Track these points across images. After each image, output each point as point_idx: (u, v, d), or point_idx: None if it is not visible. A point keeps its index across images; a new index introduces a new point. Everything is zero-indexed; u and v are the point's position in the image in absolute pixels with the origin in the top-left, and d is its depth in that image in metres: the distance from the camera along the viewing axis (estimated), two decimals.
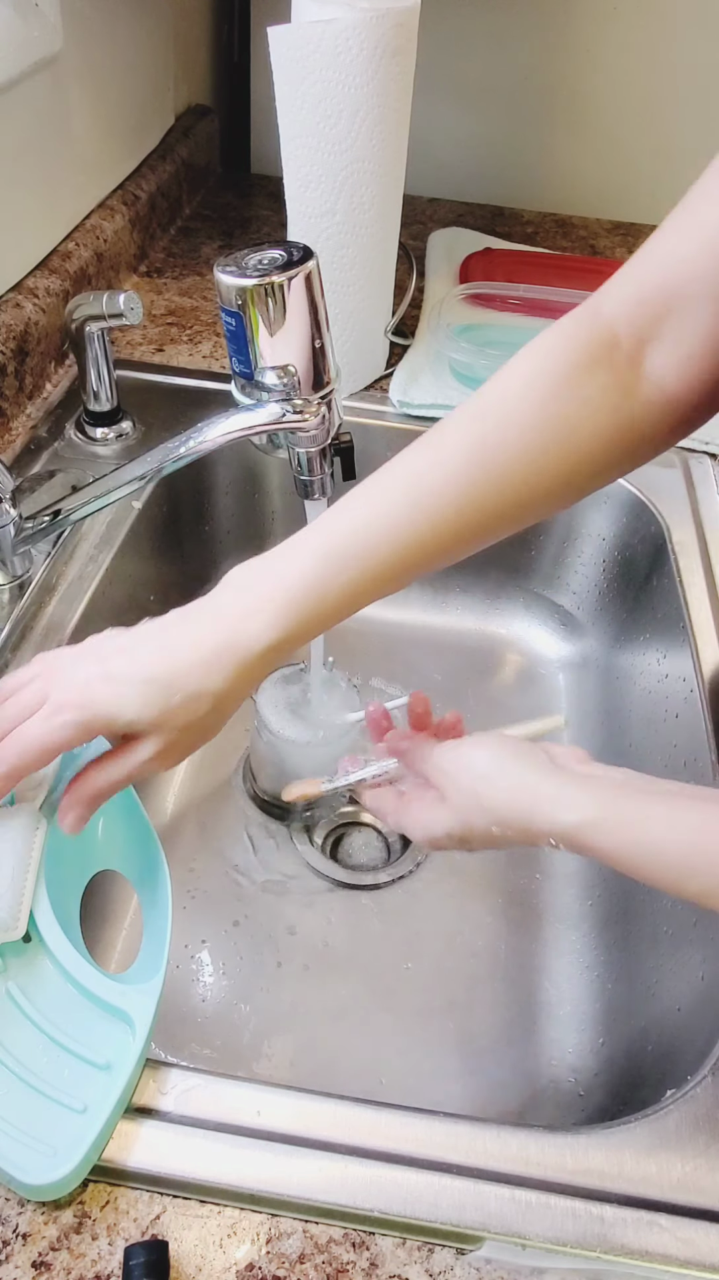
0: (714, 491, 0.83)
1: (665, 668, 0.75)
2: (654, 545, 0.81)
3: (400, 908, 0.74)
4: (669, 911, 0.63)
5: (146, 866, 0.52)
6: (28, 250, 0.82)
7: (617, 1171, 0.43)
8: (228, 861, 0.75)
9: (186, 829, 0.77)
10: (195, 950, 0.70)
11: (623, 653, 0.85)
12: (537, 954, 0.72)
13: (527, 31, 1.12)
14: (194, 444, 0.59)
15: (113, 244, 0.93)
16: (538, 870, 0.77)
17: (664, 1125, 0.44)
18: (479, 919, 0.74)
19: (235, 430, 0.58)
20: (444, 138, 1.18)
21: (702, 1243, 0.41)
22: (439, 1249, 0.41)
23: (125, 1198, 0.41)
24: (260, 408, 0.58)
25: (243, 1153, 0.42)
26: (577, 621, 0.92)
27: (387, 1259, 0.41)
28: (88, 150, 0.90)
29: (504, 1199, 0.42)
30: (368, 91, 0.71)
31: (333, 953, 0.71)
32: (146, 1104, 0.44)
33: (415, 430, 0.86)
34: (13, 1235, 0.40)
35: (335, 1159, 0.43)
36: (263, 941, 0.71)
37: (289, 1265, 0.40)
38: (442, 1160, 0.43)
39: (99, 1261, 0.39)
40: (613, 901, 0.72)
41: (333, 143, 0.73)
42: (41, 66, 0.76)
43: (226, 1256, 0.40)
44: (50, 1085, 0.42)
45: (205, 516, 0.91)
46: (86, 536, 0.72)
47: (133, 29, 0.94)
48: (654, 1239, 0.41)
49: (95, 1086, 0.42)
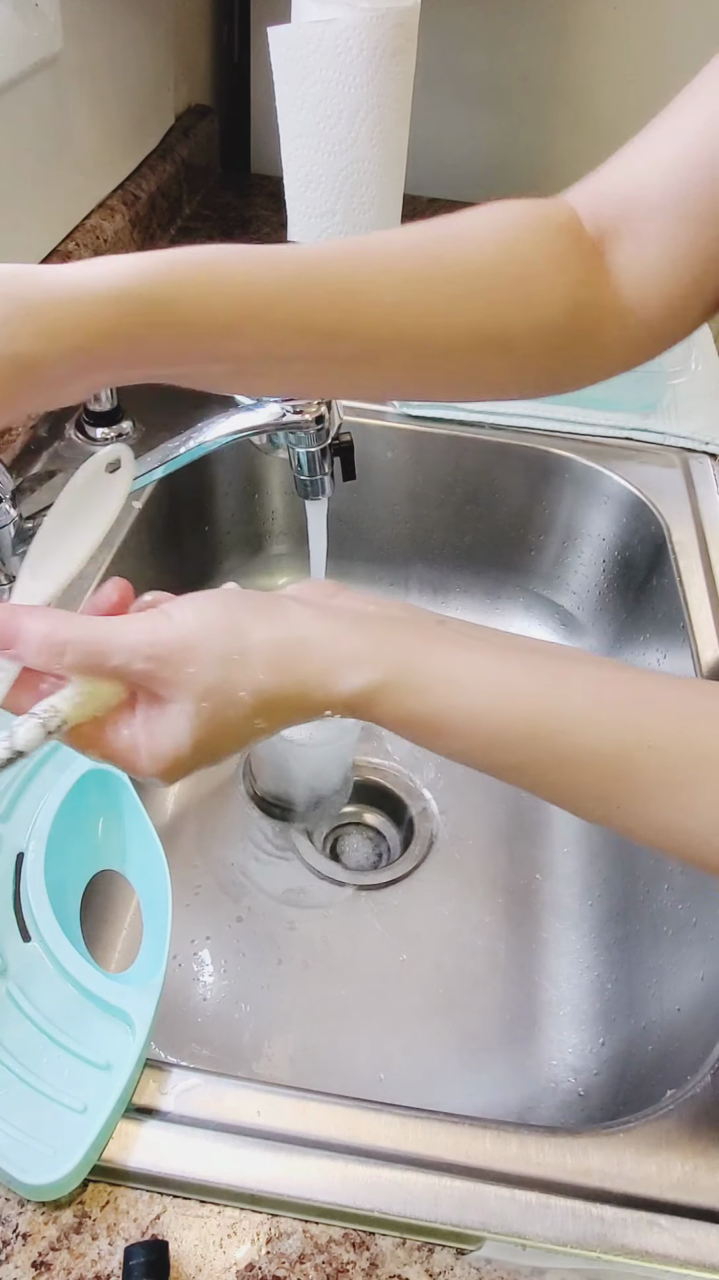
0: (714, 491, 0.83)
1: (665, 668, 0.75)
2: (654, 545, 0.81)
3: (400, 908, 0.74)
4: (669, 911, 0.63)
5: (147, 866, 0.52)
6: (28, 250, 0.82)
7: (617, 1171, 0.43)
8: (228, 862, 0.75)
9: (187, 829, 0.77)
10: (195, 950, 0.70)
11: (623, 653, 0.85)
12: (537, 954, 0.72)
13: (527, 31, 1.12)
14: (194, 444, 0.59)
15: (113, 244, 0.93)
16: (538, 870, 0.77)
17: (664, 1125, 0.44)
18: (479, 919, 0.74)
19: (235, 430, 0.58)
20: (444, 138, 1.18)
21: (702, 1243, 0.41)
22: (439, 1249, 0.41)
23: (125, 1198, 0.41)
24: (260, 408, 0.58)
25: (243, 1153, 0.42)
26: (577, 621, 0.92)
27: (387, 1259, 0.40)
28: (88, 150, 0.90)
29: (504, 1199, 0.42)
30: (368, 91, 0.71)
31: (333, 953, 0.71)
32: (146, 1104, 0.44)
33: (415, 430, 0.86)
34: (13, 1235, 0.40)
35: (335, 1159, 0.42)
36: (263, 941, 0.71)
37: (289, 1265, 0.40)
38: (442, 1160, 0.43)
39: (99, 1261, 0.39)
40: (613, 901, 0.72)
41: (333, 143, 0.73)
42: (41, 66, 0.76)
43: (226, 1256, 0.40)
44: (50, 1085, 0.42)
45: (205, 516, 0.91)
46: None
47: (133, 29, 0.94)
48: (654, 1239, 0.41)
49: (95, 1086, 0.42)
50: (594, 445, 0.86)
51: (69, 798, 0.52)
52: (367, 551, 0.94)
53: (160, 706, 0.35)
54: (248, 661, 0.34)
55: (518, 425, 0.86)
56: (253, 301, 0.36)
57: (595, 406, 0.87)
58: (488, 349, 0.42)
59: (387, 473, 0.88)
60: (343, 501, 0.87)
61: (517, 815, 0.80)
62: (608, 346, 0.45)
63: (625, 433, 0.86)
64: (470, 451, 0.87)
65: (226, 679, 0.34)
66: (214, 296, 0.35)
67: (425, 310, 0.40)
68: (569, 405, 0.86)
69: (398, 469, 0.88)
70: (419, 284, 0.40)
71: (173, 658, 0.34)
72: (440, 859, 0.77)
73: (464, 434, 0.86)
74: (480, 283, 0.41)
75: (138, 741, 0.35)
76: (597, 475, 0.85)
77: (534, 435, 0.86)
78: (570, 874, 0.76)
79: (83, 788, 0.53)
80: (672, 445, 0.86)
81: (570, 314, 0.43)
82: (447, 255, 0.41)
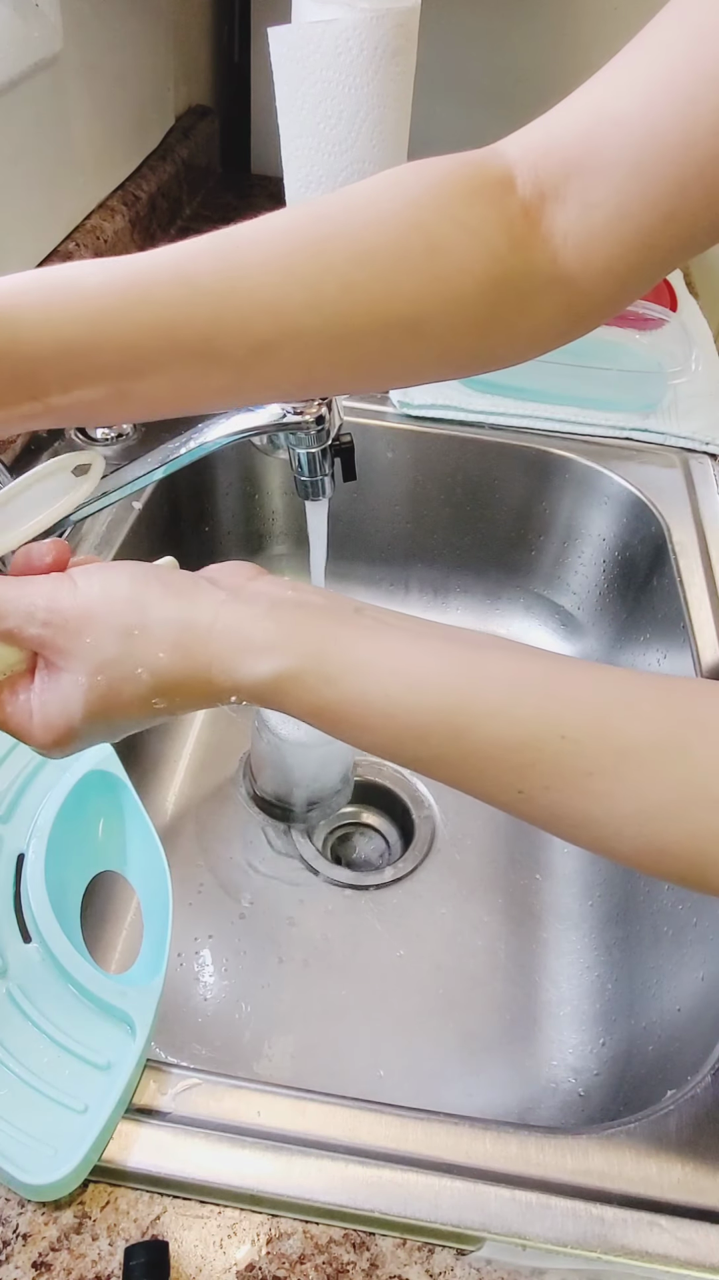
0: (714, 491, 0.83)
1: (666, 668, 0.75)
2: (654, 545, 0.81)
3: (401, 908, 0.74)
4: (669, 911, 0.63)
5: (147, 866, 0.52)
6: (28, 251, 0.82)
7: (617, 1172, 0.43)
8: (228, 862, 0.75)
9: (187, 829, 0.77)
10: (196, 950, 0.70)
11: (623, 653, 0.85)
12: (537, 954, 0.72)
13: (527, 31, 1.12)
14: (194, 444, 0.59)
15: (113, 244, 0.93)
16: (538, 870, 0.77)
17: (664, 1125, 0.44)
18: (479, 919, 0.74)
19: (236, 431, 0.58)
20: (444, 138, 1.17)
21: (702, 1243, 0.41)
22: (439, 1249, 0.41)
23: (125, 1198, 0.41)
24: (260, 408, 0.58)
25: (243, 1153, 0.42)
26: (577, 621, 0.92)
27: (387, 1259, 0.41)
28: (88, 151, 0.90)
29: (504, 1199, 0.42)
30: (368, 91, 0.71)
31: (333, 953, 0.71)
32: (147, 1104, 0.44)
33: (416, 431, 0.86)
34: (13, 1235, 0.40)
35: (335, 1159, 0.43)
36: (263, 941, 0.71)
37: (289, 1266, 0.40)
38: (442, 1161, 0.43)
39: (99, 1262, 0.39)
40: (613, 901, 0.72)
41: (333, 143, 0.73)
42: (41, 67, 0.76)
43: (226, 1257, 0.40)
44: (50, 1085, 0.42)
45: (205, 517, 0.91)
46: (86, 537, 0.72)
47: (133, 29, 0.94)
48: (654, 1239, 0.41)
49: (95, 1086, 0.42)
50: (594, 445, 0.86)
51: (69, 799, 0.52)
52: (367, 552, 0.94)
53: (56, 675, 0.34)
54: (149, 638, 0.33)
55: (518, 425, 0.86)
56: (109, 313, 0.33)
57: (595, 406, 0.87)
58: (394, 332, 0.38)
59: (387, 473, 0.89)
60: (343, 502, 0.87)
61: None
62: (541, 319, 0.40)
63: (626, 433, 0.86)
64: (470, 451, 0.87)
65: (125, 654, 0.33)
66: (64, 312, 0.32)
67: (313, 298, 0.36)
68: (569, 405, 0.86)
69: (398, 469, 0.88)
70: (301, 270, 0.36)
71: (69, 625, 0.33)
72: (440, 859, 0.77)
73: (464, 434, 0.86)
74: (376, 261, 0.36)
75: (31, 708, 0.34)
76: (597, 475, 0.85)
77: (534, 435, 0.86)
78: (571, 874, 0.76)
79: (83, 789, 0.53)
80: (672, 445, 0.86)
81: (491, 287, 0.38)
82: (333, 235, 0.36)
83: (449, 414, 0.85)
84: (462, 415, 0.86)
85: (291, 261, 0.36)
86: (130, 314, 0.33)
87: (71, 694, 0.33)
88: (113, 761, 0.55)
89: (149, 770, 0.79)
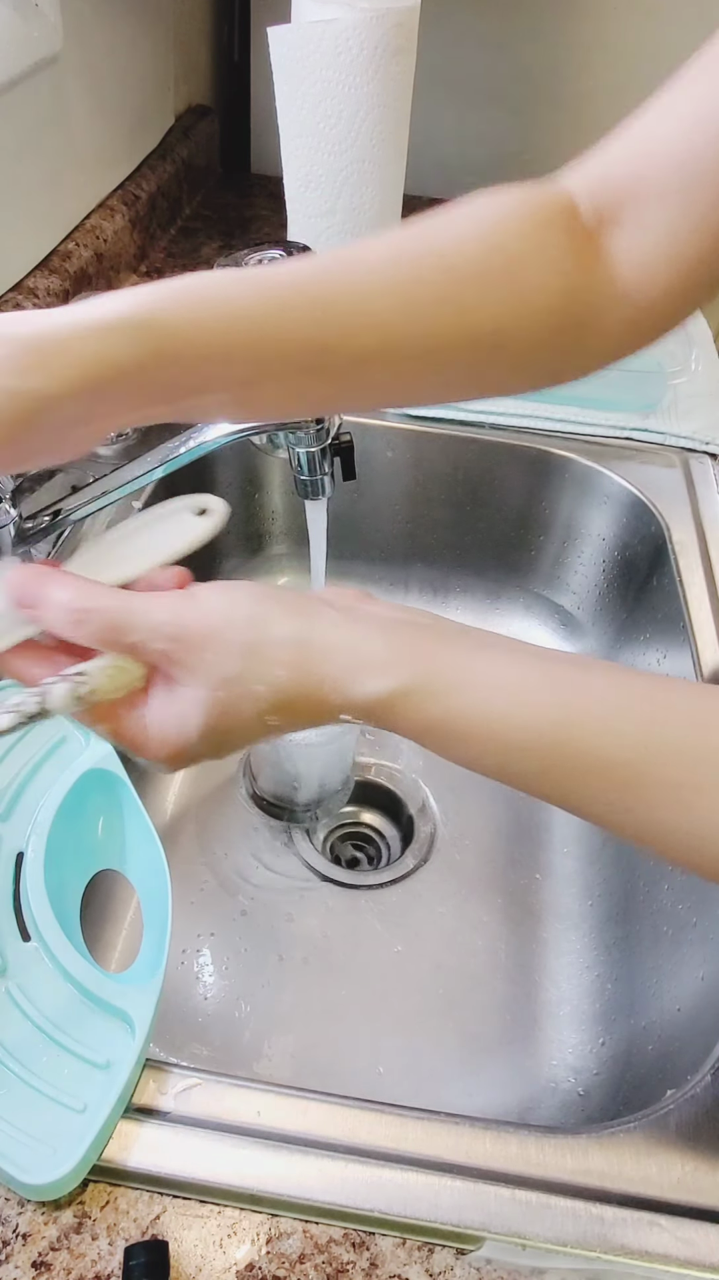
0: (714, 491, 0.83)
1: (666, 668, 0.75)
2: (654, 545, 0.81)
3: (400, 908, 0.74)
4: (669, 911, 0.63)
5: (147, 865, 0.52)
6: (28, 250, 0.82)
7: (617, 1171, 0.43)
8: (228, 862, 0.75)
9: (187, 829, 0.77)
10: (195, 950, 0.70)
11: (623, 653, 0.85)
12: (537, 954, 0.72)
13: (527, 31, 1.12)
14: (194, 444, 0.59)
15: (113, 244, 0.93)
16: (538, 870, 0.77)
17: (664, 1125, 0.44)
18: (479, 919, 0.74)
19: (235, 430, 0.58)
20: (445, 138, 1.18)
21: (702, 1243, 0.41)
22: (439, 1249, 0.41)
23: (125, 1198, 0.41)
24: None
25: (243, 1153, 0.42)
26: (577, 621, 0.92)
27: (387, 1259, 0.40)
28: (88, 150, 0.90)
29: (504, 1199, 0.42)
30: (368, 91, 0.71)
31: (333, 953, 0.71)
32: (146, 1104, 0.44)
33: (416, 430, 0.86)
34: (13, 1235, 0.40)
35: (335, 1159, 0.43)
36: (263, 941, 0.71)
37: (289, 1265, 0.40)
38: (442, 1160, 0.43)
39: (99, 1261, 0.39)
40: (613, 901, 0.72)
41: (333, 143, 0.73)
42: (41, 66, 0.76)
43: (226, 1256, 0.40)
44: (50, 1085, 0.42)
45: None
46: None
47: (133, 29, 0.94)
48: (654, 1239, 0.41)
49: (95, 1086, 0.42)
50: (594, 445, 0.86)
51: (69, 797, 0.52)
52: (367, 551, 0.94)
53: (174, 690, 0.34)
54: (269, 655, 0.33)
55: (518, 425, 0.86)
56: (241, 323, 0.35)
57: (595, 406, 0.87)
58: (481, 347, 0.41)
59: (387, 473, 0.88)
60: (343, 501, 0.87)
61: (517, 816, 0.80)
62: (607, 333, 0.43)
63: (626, 433, 0.86)
64: (470, 451, 0.87)
65: (246, 670, 0.33)
66: (209, 321, 0.35)
67: (411, 314, 0.39)
68: (569, 405, 0.86)
69: (398, 469, 0.88)
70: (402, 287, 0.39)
71: (193, 641, 0.33)
72: (440, 859, 0.77)
73: (464, 434, 0.86)
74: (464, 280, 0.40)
75: (147, 723, 0.35)
76: (597, 475, 0.85)
77: (534, 435, 0.86)
78: (570, 874, 0.76)
79: (83, 787, 0.53)
80: (672, 445, 0.86)
81: (562, 304, 0.41)
82: (427, 256, 0.40)
83: (449, 413, 0.85)
84: (461, 415, 0.85)
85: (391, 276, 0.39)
86: (263, 325, 0.36)
87: (190, 709, 0.34)
88: (112, 760, 0.55)
89: (149, 769, 0.79)
